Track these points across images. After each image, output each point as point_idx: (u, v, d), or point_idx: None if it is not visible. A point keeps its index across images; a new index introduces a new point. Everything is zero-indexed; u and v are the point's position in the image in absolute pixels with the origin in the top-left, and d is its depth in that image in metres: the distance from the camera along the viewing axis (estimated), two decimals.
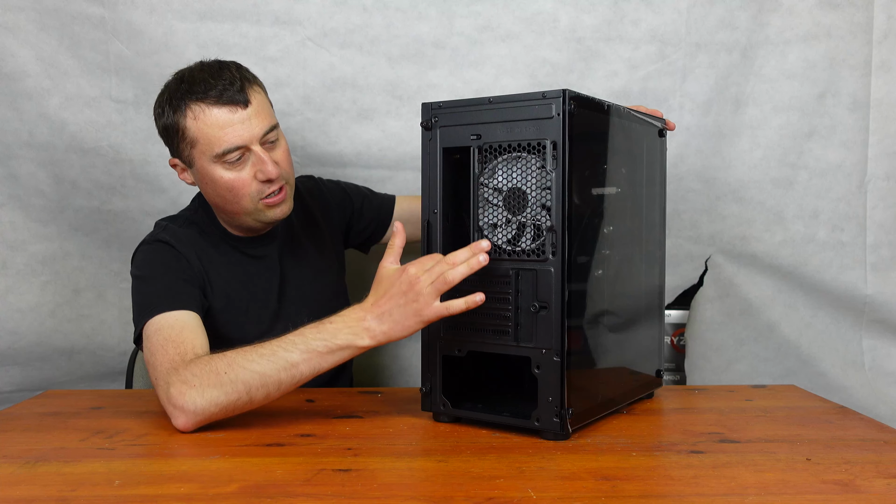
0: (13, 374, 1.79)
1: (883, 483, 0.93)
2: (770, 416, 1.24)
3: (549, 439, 1.09)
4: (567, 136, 1.06)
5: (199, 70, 1.33)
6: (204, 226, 1.42)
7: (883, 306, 1.76)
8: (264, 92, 1.38)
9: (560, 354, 1.07)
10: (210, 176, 1.33)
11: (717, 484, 0.92)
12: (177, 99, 1.31)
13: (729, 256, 1.81)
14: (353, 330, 1.11)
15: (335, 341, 1.11)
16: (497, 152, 1.12)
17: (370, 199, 1.65)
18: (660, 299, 1.35)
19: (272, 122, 1.34)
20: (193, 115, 1.29)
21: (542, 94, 1.07)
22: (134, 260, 1.38)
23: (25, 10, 1.67)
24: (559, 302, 1.07)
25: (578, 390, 1.11)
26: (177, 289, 1.30)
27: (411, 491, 0.91)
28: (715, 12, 1.71)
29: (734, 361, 1.85)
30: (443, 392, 1.18)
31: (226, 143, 1.29)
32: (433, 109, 1.17)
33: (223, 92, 1.29)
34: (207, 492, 0.90)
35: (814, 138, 1.75)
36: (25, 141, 1.72)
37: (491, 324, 1.13)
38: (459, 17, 1.73)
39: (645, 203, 1.29)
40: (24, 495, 0.89)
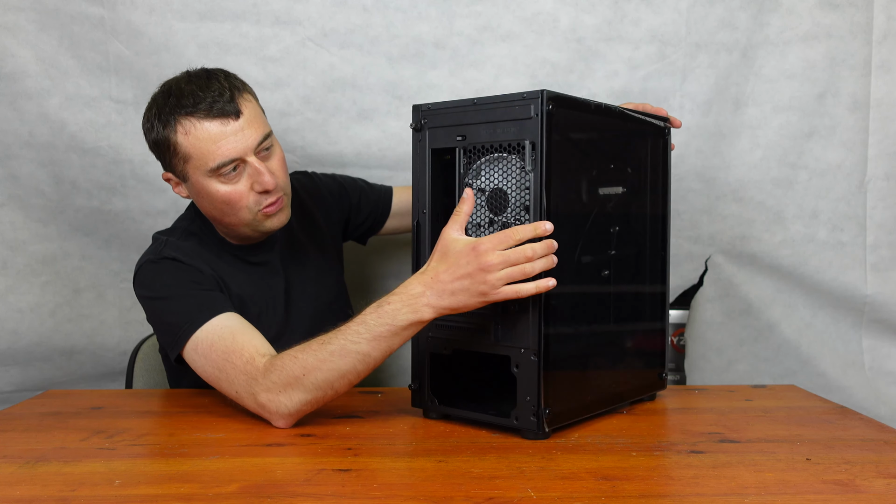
0: (13, 374, 1.79)
1: (883, 483, 0.93)
2: (770, 416, 1.24)
3: (529, 438, 1.10)
4: (545, 137, 1.06)
5: (186, 82, 1.29)
6: (203, 236, 1.40)
7: (883, 306, 1.76)
8: (255, 99, 1.34)
9: (537, 354, 1.08)
10: (206, 190, 1.30)
11: (717, 484, 0.92)
12: (165, 114, 1.27)
13: (729, 256, 1.81)
14: (412, 308, 1.09)
15: (397, 323, 1.09)
16: (480, 153, 1.12)
17: (367, 191, 1.64)
18: (663, 302, 1.35)
19: (265, 131, 1.30)
20: (184, 130, 1.26)
21: (522, 94, 1.08)
22: (141, 282, 1.33)
23: (25, 10, 1.67)
24: (538, 302, 1.08)
25: (560, 390, 1.12)
26: (205, 298, 1.27)
27: (411, 491, 0.91)
28: (715, 12, 1.72)
29: (734, 361, 1.85)
30: (435, 390, 1.20)
31: (220, 157, 1.26)
32: (423, 111, 1.18)
33: (213, 104, 1.25)
34: (207, 492, 0.90)
35: (814, 138, 1.75)
36: (25, 141, 1.72)
37: (475, 323, 1.14)
38: (460, 17, 1.73)
39: (646, 202, 1.29)
40: (24, 495, 0.89)
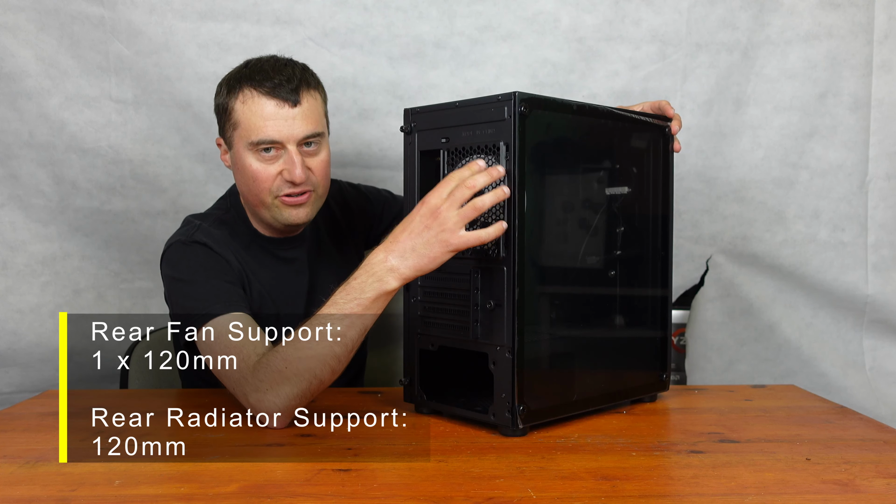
0: (13, 375, 1.79)
1: (883, 483, 0.93)
2: (770, 416, 1.24)
3: (507, 435, 1.10)
4: (518, 138, 1.07)
5: (266, 60, 1.35)
6: (235, 226, 1.41)
7: (884, 306, 1.76)
8: (323, 100, 1.37)
9: (512, 351, 1.09)
10: (242, 161, 1.33)
11: (717, 484, 0.92)
12: (235, 80, 1.33)
13: (730, 256, 1.81)
14: (377, 276, 1.10)
15: (366, 296, 1.10)
16: (462, 154, 1.14)
17: (391, 203, 1.65)
18: (664, 303, 1.34)
19: (317, 130, 1.33)
20: (244, 98, 1.31)
21: (497, 96, 1.09)
22: (169, 259, 1.35)
23: (25, 10, 1.67)
24: (511, 300, 1.09)
25: (539, 388, 1.12)
26: (224, 290, 1.28)
27: (411, 491, 0.91)
28: (716, 12, 1.71)
29: (735, 361, 1.85)
30: (424, 385, 1.21)
31: (263, 134, 1.30)
32: (412, 115, 1.20)
33: (277, 86, 1.30)
34: (207, 492, 0.90)
35: (815, 138, 1.75)
36: (25, 141, 1.72)
37: (457, 320, 1.16)
38: (460, 16, 1.73)
39: (647, 202, 1.29)
40: (24, 495, 0.89)
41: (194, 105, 1.72)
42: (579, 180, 1.20)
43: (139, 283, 1.82)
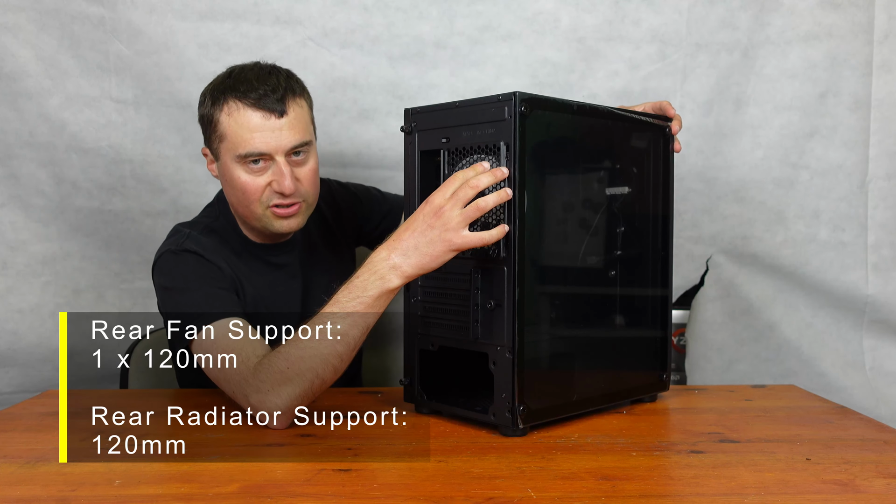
0: (13, 375, 1.79)
1: (883, 483, 0.93)
2: (770, 416, 1.24)
3: (507, 435, 1.10)
4: (518, 138, 1.07)
5: (250, 69, 1.33)
6: (225, 233, 1.41)
7: (884, 306, 1.76)
8: (309, 107, 1.36)
9: (512, 351, 1.09)
10: (230, 173, 1.32)
11: (717, 484, 0.92)
12: (219, 91, 1.32)
13: (730, 256, 1.81)
14: (379, 275, 1.10)
15: (368, 294, 1.10)
16: (462, 154, 1.14)
17: (380, 201, 1.64)
18: (664, 303, 1.34)
19: (304, 139, 1.32)
20: (229, 111, 1.30)
21: (498, 96, 1.09)
22: (160, 269, 1.35)
23: (25, 10, 1.67)
24: (511, 300, 1.09)
25: (540, 388, 1.12)
26: (217, 297, 1.28)
27: (411, 491, 0.91)
28: (716, 12, 1.71)
29: (735, 361, 1.85)
30: (424, 385, 1.21)
31: (250, 147, 1.28)
32: (413, 115, 1.20)
33: (263, 97, 1.28)
34: (207, 492, 0.90)
35: (815, 138, 1.75)
36: (26, 141, 1.72)
37: (457, 320, 1.16)
38: (460, 16, 1.73)
39: (648, 202, 1.29)
40: (24, 495, 0.89)
41: (194, 105, 1.70)
42: (579, 180, 1.20)
43: (139, 283, 1.82)
